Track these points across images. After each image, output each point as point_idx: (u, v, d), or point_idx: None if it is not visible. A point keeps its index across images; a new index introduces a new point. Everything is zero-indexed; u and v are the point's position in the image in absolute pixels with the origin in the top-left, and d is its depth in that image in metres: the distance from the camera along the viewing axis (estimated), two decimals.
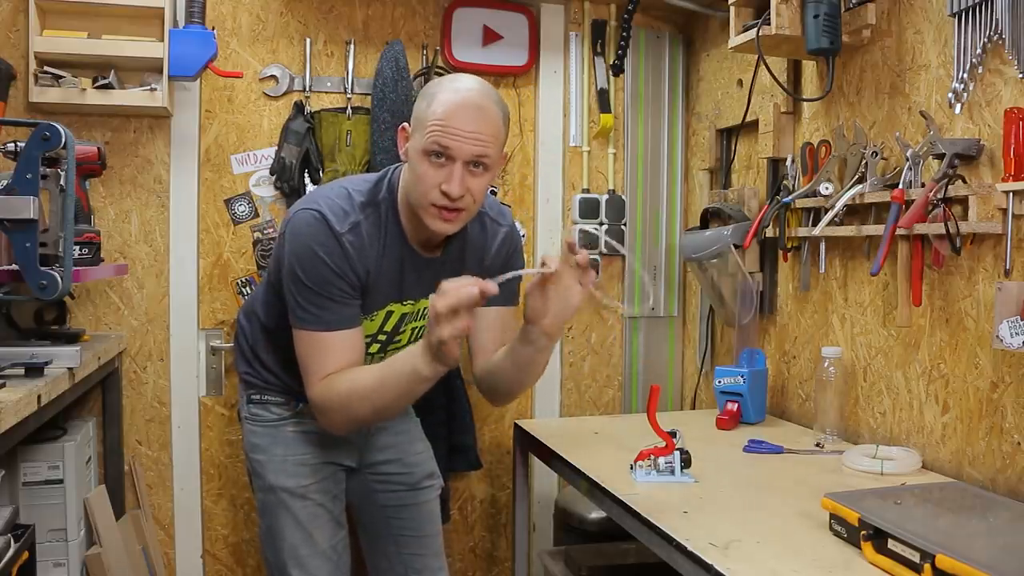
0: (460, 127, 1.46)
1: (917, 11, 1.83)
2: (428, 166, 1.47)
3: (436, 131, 1.45)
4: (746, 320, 2.32)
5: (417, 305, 1.67)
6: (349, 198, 1.57)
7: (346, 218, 1.55)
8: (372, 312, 1.63)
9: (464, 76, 1.57)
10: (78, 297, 2.35)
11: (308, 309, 1.55)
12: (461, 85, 1.51)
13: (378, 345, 1.70)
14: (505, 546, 2.76)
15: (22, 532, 1.61)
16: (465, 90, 1.49)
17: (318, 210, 1.54)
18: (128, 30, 2.23)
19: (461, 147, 1.46)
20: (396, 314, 1.67)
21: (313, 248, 1.53)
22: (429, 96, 1.50)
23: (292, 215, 1.59)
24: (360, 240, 1.55)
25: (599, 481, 1.70)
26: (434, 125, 1.46)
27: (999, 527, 1.31)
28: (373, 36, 2.55)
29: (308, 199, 1.61)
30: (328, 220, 1.53)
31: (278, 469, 1.74)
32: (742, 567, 1.25)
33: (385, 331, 1.68)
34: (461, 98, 1.48)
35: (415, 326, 1.71)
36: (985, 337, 1.65)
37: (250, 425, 1.80)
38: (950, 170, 1.65)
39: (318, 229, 1.53)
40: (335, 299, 1.54)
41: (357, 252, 1.55)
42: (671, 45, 2.80)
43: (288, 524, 1.72)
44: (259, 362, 1.78)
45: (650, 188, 2.80)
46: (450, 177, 1.46)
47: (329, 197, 1.58)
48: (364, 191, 1.59)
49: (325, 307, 1.54)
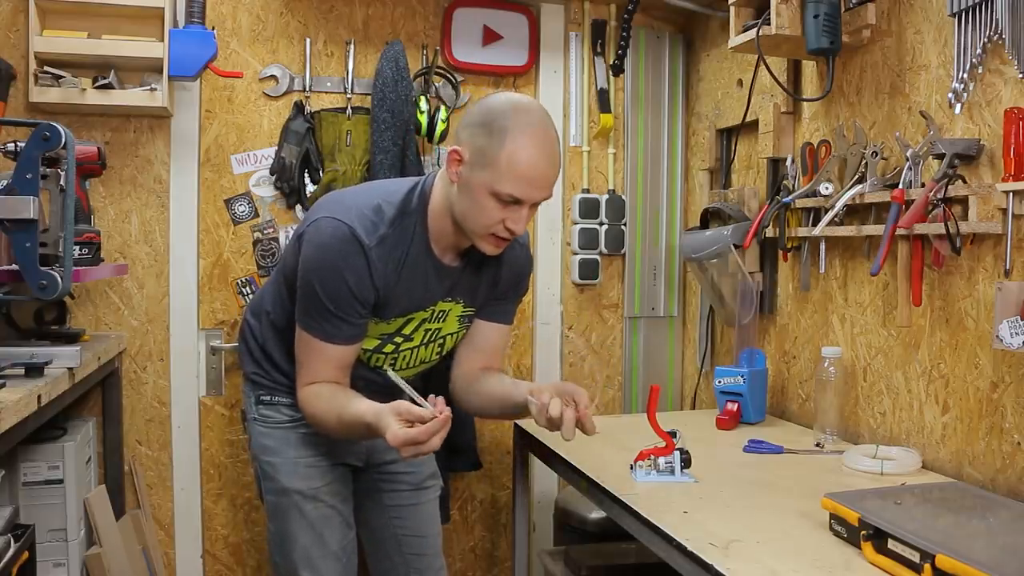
0: (535, 178, 1.48)
1: (917, 11, 1.83)
2: (494, 204, 1.49)
3: (516, 184, 1.47)
4: (746, 320, 2.32)
5: (434, 308, 1.69)
6: (380, 211, 1.56)
7: (375, 231, 1.54)
8: (390, 318, 1.64)
9: (533, 108, 1.54)
10: (78, 297, 2.35)
11: (315, 318, 1.57)
12: (531, 124, 1.48)
13: (392, 346, 1.70)
14: (505, 546, 2.76)
15: (22, 532, 1.61)
16: (537, 134, 1.48)
17: (346, 222, 1.53)
18: (128, 30, 2.23)
19: (535, 196, 1.50)
20: (416, 319, 1.68)
21: (337, 265, 1.53)
22: (500, 132, 1.47)
23: (318, 220, 1.56)
24: (385, 253, 1.55)
25: (599, 481, 1.70)
26: (513, 176, 1.46)
27: (999, 527, 1.30)
28: (373, 36, 2.55)
29: (337, 206, 1.58)
30: (357, 234, 1.52)
31: (290, 471, 1.73)
32: (742, 567, 1.25)
33: (402, 333, 1.69)
34: (535, 146, 1.47)
35: (428, 328, 1.72)
36: (985, 337, 1.65)
37: (260, 427, 1.77)
38: (950, 170, 1.65)
39: (345, 243, 1.52)
40: (343, 318, 1.56)
41: (382, 264, 1.55)
42: (671, 45, 2.80)
43: (300, 526, 1.72)
44: (269, 362, 1.76)
45: (650, 188, 2.80)
46: (519, 218, 1.51)
47: (360, 209, 1.56)
48: (395, 203, 1.58)
49: (331, 322, 1.56)
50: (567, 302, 2.77)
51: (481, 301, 1.75)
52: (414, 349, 1.72)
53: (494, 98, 1.57)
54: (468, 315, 1.75)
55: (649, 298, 2.82)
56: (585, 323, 2.80)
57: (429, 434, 1.37)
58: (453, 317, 1.73)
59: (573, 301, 2.78)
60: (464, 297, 1.71)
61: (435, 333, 1.72)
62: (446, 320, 1.72)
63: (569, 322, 2.78)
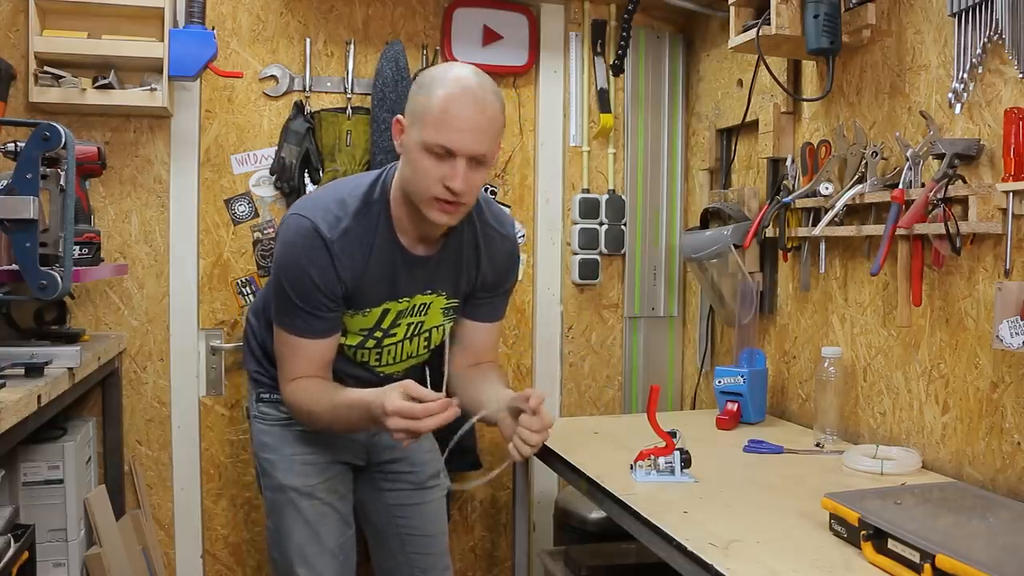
0: (462, 124, 1.45)
1: (917, 11, 1.83)
2: (429, 160, 1.47)
3: (443, 131, 1.44)
4: (746, 320, 2.32)
5: (412, 301, 1.69)
6: (343, 204, 1.58)
7: (337, 224, 1.56)
8: (365, 309, 1.65)
9: (459, 66, 1.55)
10: (78, 297, 2.35)
11: (286, 314, 1.61)
12: (459, 76, 1.49)
13: (374, 341, 1.71)
14: (505, 546, 2.76)
15: (22, 532, 1.61)
16: (464, 83, 1.47)
17: (309, 217, 1.56)
18: (128, 30, 2.23)
19: (463, 144, 1.45)
20: (392, 311, 1.68)
21: (300, 261, 1.55)
22: (426, 88, 1.48)
23: (286, 218, 1.61)
24: (350, 245, 1.57)
25: (599, 481, 1.70)
26: (440, 123, 1.44)
27: (999, 527, 1.30)
28: (373, 36, 2.55)
29: (303, 204, 1.63)
30: (319, 229, 1.55)
31: (287, 468, 1.75)
32: (742, 567, 1.25)
33: (382, 328, 1.69)
34: (461, 92, 1.46)
35: (410, 321, 1.72)
36: (985, 337, 1.65)
37: (260, 424, 1.81)
38: (950, 170, 1.65)
39: (308, 238, 1.55)
40: (313, 312, 1.58)
41: (347, 257, 1.56)
42: (671, 45, 2.80)
43: (296, 523, 1.73)
44: (268, 360, 1.78)
45: (650, 188, 2.80)
46: (454, 173, 1.46)
47: (325, 204, 1.58)
48: (359, 195, 1.60)
49: (301, 317, 1.59)
50: (567, 302, 2.77)
51: (465, 292, 1.75)
52: (398, 343, 1.73)
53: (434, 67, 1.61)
54: (452, 307, 1.75)
55: (649, 298, 2.82)
56: (585, 323, 2.80)
57: (426, 412, 1.39)
58: (436, 310, 1.73)
59: (573, 301, 2.78)
60: (446, 289, 1.71)
61: (418, 327, 1.73)
62: (428, 313, 1.72)
63: (569, 322, 2.78)
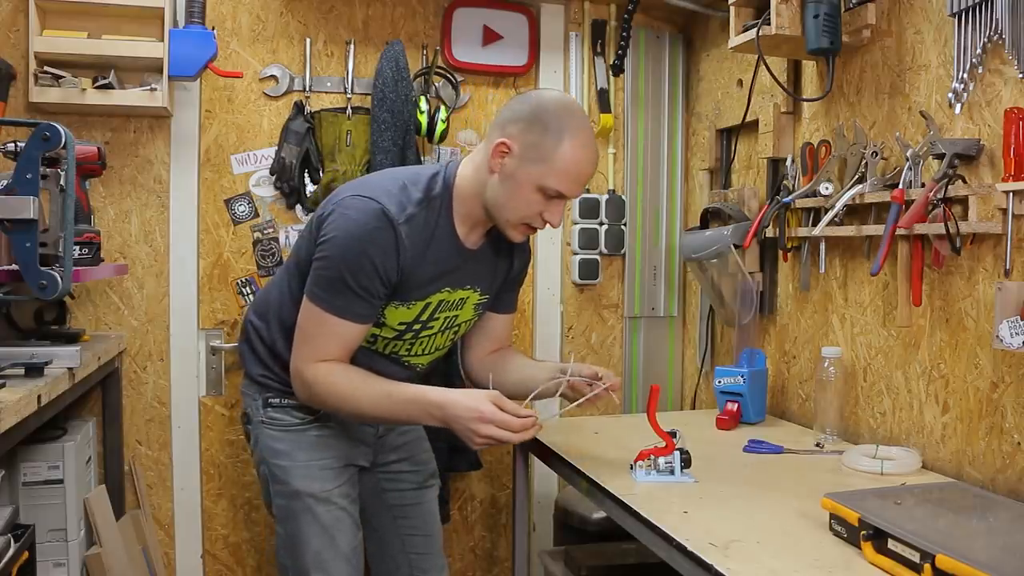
0: (585, 179, 1.61)
1: (917, 11, 1.83)
2: (537, 196, 1.57)
3: (565, 181, 1.56)
4: (746, 320, 2.32)
5: (453, 295, 1.71)
6: (406, 191, 1.60)
7: (403, 209, 1.58)
8: (410, 301, 1.65)
9: (579, 108, 1.67)
10: (78, 297, 2.35)
11: (328, 291, 1.58)
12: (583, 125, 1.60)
13: (412, 333, 1.71)
14: (505, 546, 2.76)
15: (22, 532, 1.61)
16: (589, 135, 1.60)
17: (377, 200, 1.56)
18: (128, 30, 2.23)
19: (578, 193, 1.64)
20: (434, 303, 1.69)
21: (364, 240, 1.55)
22: (554, 132, 1.55)
23: (344, 199, 1.59)
24: (413, 232, 1.58)
25: (599, 481, 1.70)
26: (565, 173, 1.56)
27: (999, 527, 1.31)
28: (373, 36, 2.55)
29: (362, 187, 1.63)
30: (388, 211, 1.56)
31: (303, 474, 1.71)
32: (742, 567, 1.25)
33: (421, 320, 1.70)
34: (587, 146, 1.58)
35: (447, 315, 1.73)
36: (985, 337, 1.65)
37: (270, 430, 1.74)
38: (950, 170, 1.65)
39: (375, 219, 1.55)
40: (360, 295, 1.57)
41: (409, 242, 1.57)
42: (671, 45, 2.80)
43: (312, 529, 1.70)
44: (279, 364, 1.72)
45: (650, 188, 2.80)
46: (557, 211, 1.61)
47: (386, 187, 1.60)
48: (420, 186, 1.62)
49: (347, 297, 1.57)
50: (567, 302, 2.77)
51: (496, 289, 1.81)
52: (432, 336, 1.75)
53: (544, 96, 1.66)
54: (483, 303, 1.80)
55: (649, 298, 2.82)
56: (585, 323, 2.80)
57: (522, 427, 1.49)
58: (470, 305, 1.77)
59: (573, 301, 2.78)
60: (480, 285, 1.75)
61: (452, 320, 1.75)
62: (463, 308, 1.76)
63: (569, 322, 2.78)
